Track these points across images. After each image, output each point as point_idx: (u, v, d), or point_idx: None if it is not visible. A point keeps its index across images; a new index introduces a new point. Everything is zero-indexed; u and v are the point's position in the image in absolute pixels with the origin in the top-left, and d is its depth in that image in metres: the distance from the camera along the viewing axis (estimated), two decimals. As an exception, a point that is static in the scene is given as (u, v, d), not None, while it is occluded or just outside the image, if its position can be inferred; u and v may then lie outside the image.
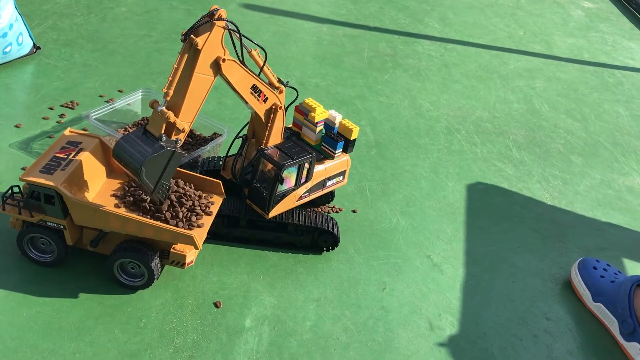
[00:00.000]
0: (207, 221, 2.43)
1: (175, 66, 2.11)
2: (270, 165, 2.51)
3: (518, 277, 2.86)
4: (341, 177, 2.83)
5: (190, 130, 3.14)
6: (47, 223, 2.28)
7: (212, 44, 2.13)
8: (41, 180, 2.21)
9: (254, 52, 2.36)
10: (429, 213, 3.13)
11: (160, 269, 2.36)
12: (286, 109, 2.55)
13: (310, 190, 2.69)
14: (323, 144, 2.72)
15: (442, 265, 2.82)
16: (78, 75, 3.57)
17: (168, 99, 2.12)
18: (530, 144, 3.93)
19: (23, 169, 2.82)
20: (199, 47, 2.10)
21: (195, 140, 3.11)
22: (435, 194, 3.28)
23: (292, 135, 2.71)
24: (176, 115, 2.16)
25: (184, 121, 2.18)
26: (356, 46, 4.69)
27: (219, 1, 4.83)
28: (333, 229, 2.68)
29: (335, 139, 2.67)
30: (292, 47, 4.45)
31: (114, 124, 3.07)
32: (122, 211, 2.29)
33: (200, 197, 2.49)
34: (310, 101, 2.69)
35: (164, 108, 2.12)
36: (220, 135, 3.07)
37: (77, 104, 3.32)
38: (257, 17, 4.75)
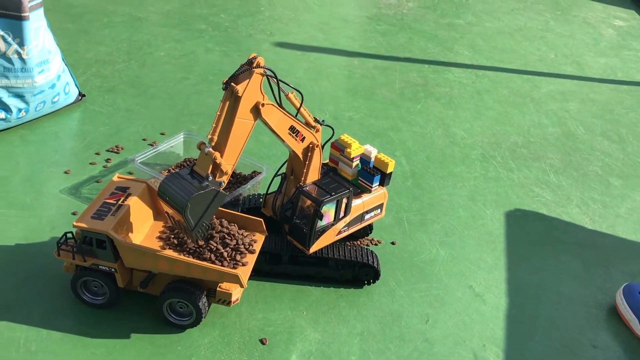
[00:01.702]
0: (251, 259, 2.50)
1: (218, 113, 2.22)
2: (309, 202, 2.58)
3: (562, 305, 2.84)
4: (379, 209, 2.88)
5: (230, 170, 3.24)
6: (99, 267, 2.38)
7: (251, 90, 2.24)
8: (93, 226, 2.32)
9: (290, 95, 2.45)
10: (469, 242, 3.14)
11: (207, 308, 2.43)
12: (323, 147, 2.63)
13: (349, 224, 2.75)
14: (360, 178, 2.78)
15: (484, 295, 2.82)
16: (122, 120, 3.73)
17: (213, 144, 2.23)
18: (567, 167, 3.91)
19: (74, 213, 2.94)
20: (240, 94, 2.20)
21: (235, 178, 3.20)
22: (474, 222, 3.29)
23: (329, 171, 2.78)
24: (221, 156, 2.26)
25: (228, 163, 2.28)
26: (387, 78, 4.76)
27: (253, 42, 4.98)
28: (373, 263, 2.72)
29: (371, 173, 2.73)
30: (325, 83, 4.55)
31: (157, 167, 3.19)
32: (169, 253, 2.38)
33: (243, 235, 2.56)
34: (346, 137, 2.76)
35: (210, 149, 2.22)
36: (260, 173, 3.16)
37: (122, 148, 3.46)
38: (289, 55, 4.88)
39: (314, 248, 2.65)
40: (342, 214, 2.67)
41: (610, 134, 4.36)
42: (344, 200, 2.64)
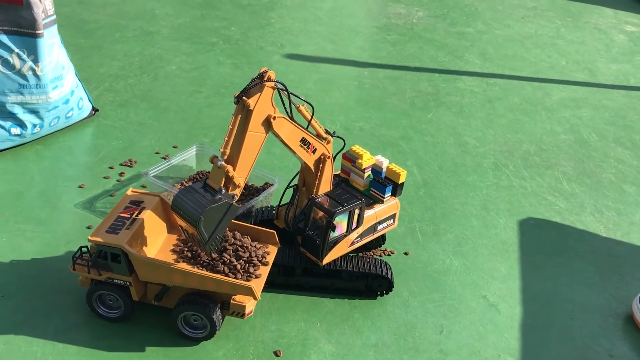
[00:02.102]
0: (264, 271, 2.50)
1: (230, 127, 2.24)
2: (321, 213, 2.58)
3: (577, 314, 2.82)
4: (391, 220, 2.88)
5: (243, 182, 3.25)
6: (114, 280, 2.40)
7: (262, 104, 2.25)
8: (107, 240, 2.34)
9: (301, 107, 2.47)
10: (482, 252, 3.13)
11: (221, 320, 2.44)
12: (334, 158, 2.64)
13: (361, 235, 2.75)
14: (372, 189, 2.79)
15: (498, 305, 2.81)
16: (134, 134, 3.76)
17: (225, 157, 2.25)
18: (581, 175, 3.89)
19: (88, 227, 2.97)
20: (251, 108, 2.22)
21: (248, 190, 3.22)
22: (487, 231, 3.28)
23: (341, 182, 2.78)
24: (233, 169, 2.28)
25: (240, 176, 2.30)
26: (398, 87, 4.78)
27: (264, 54, 5.02)
28: (387, 274, 2.72)
29: (383, 184, 2.73)
30: (335, 93, 4.57)
31: (171, 180, 3.22)
32: (183, 266, 2.40)
33: (256, 248, 2.57)
34: (357, 148, 2.77)
35: (223, 163, 2.24)
36: (272, 184, 3.17)
37: (135, 162, 3.49)
38: (300, 67, 4.90)
39: (327, 259, 2.65)
40: (354, 225, 2.68)
41: (624, 141, 4.33)
42: (357, 211, 2.64)
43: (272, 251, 2.62)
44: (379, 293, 2.78)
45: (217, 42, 5.16)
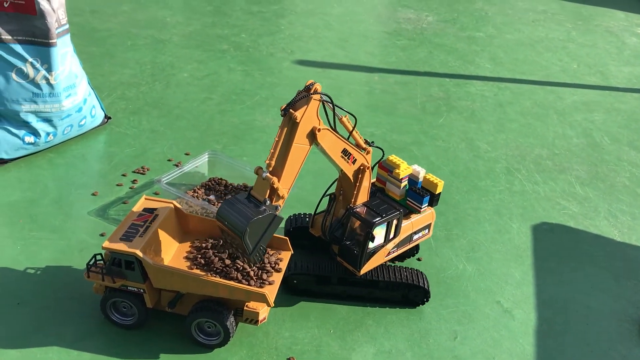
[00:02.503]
0: (278, 278, 2.51)
1: (276, 139, 2.27)
2: (359, 223, 2.58)
3: (592, 319, 2.79)
4: (427, 230, 2.87)
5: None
6: (128, 288, 2.41)
7: (309, 116, 2.28)
8: (122, 248, 2.35)
9: (344, 118, 2.49)
10: (495, 257, 3.11)
11: (235, 327, 2.44)
12: (372, 168, 2.64)
13: (398, 245, 2.74)
14: (408, 199, 2.77)
15: (513, 311, 2.79)
16: (147, 142, 3.78)
17: (270, 169, 2.27)
18: (594, 179, 3.87)
19: (102, 235, 2.98)
20: (298, 120, 2.25)
21: (259, 197, 3.22)
22: (500, 237, 3.26)
23: (377, 191, 2.77)
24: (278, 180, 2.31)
25: (284, 187, 2.31)
26: (408, 92, 4.77)
27: (274, 60, 5.03)
28: (423, 284, 2.70)
29: (421, 194, 2.71)
30: (346, 99, 4.57)
31: (183, 187, 3.23)
32: (197, 273, 2.40)
33: (269, 254, 2.58)
34: (394, 158, 2.76)
35: (268, 174, 2.26)
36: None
37: (147, 169, 3.51)
38: (310, 73, 4.91)
39: (364, 270, 2.64)
40: (392, 235, 2.66)
41: (637, 144, 4.30)
42: (394, 222, 2.63)
43: (285, 257, 2.62)
44: (418, 303, 2.75)
45: (227, 49, 5.18)
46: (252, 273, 2.46)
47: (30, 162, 3.48)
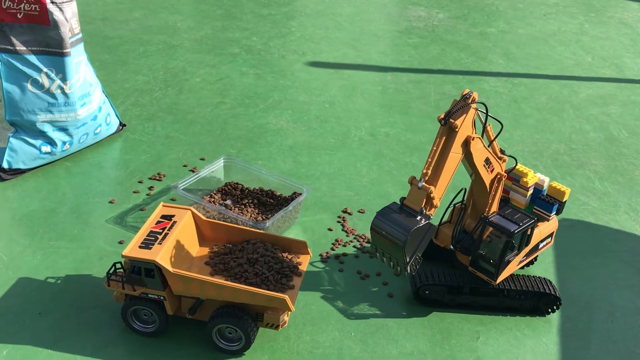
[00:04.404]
0: (297, 282, 2.50)
1: (434, 148, 2.28)
2: (495, 232, 2.57)
3: (617, 316, 2.76)
4: (550, 238, 2.84)
5: (271, 191, 3.26)
6: (149, 295, 2.41)
7: (467, 125, 2.29)
8: (141, 255, 2.35)
9: (488, 127, 2.48)
10: (515, 255, 3.08)
11: (255, 332, 2.43)
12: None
13: (527, 254, 2.72)
14: (536, 207, 2.74)
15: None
16: (162, 148, 3.79)
17: (427, 178, 2.29)
18: (613, 173, 3.82)
19: (120, 242, 2.99)
20: (457, 129, 2.25)
21: (276, 200, 3.22)
22: (519, 234, 3.23)
23: (502, 201, 2.74)
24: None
25: (438, 197, 2.32)
26: (422, 91, 4.74)
27: (286, 63, 5.02)
28: (554, 291, 2.66)
29: (550, 202, 2.69)
30: (359, 99, 4.56)
31: (200, 192, 3.23)
32: (217, 279, 2.40)
33: (288, 258, 2.57)
34: (521, 167, 2.72)
35: (424, 184, 2.27)
36: (300, 194, 3.16)
37: (164, 176, 3.51)
38: (323, 74, 4.90)
39: (500, 279, 2.62)
40: (525, 244, 2.65)
41: (656, 137, 4.24)
42: (529, 230, 2.61)
43: (304, 261, 2.61)
44: (548, 311, 2.72)
45: (239, 53, 5.18)
46: (271, 278, 2.45)
47: (47, 171, 3.50)
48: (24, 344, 2.45)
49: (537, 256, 2.96)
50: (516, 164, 2.67)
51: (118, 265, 2.50)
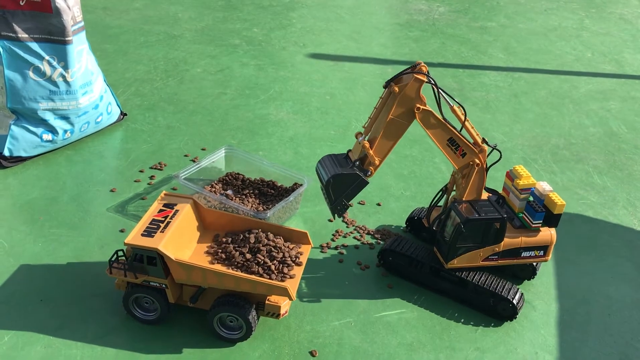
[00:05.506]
0: (298, 272, 2.51)
1: (376, 107, 2.42)
2: (455, 216, 2.58)
3: (614, 309, 2.78)
4: (541, 252, 2.73)
5: (272, 182, 3.27)
6: (150, 283, 2.42)
7: (408, 92, 2.34)
8: (144, 243, 2.36)
9: (456, 108, 2.50)
10: (514, 248, 3.09)
11: (256, 321, 2.45)
12: (487, 169, 2.63)
13: (500, 255, 2.67)
14: (525, 212, 2.71)
15: (534, 302, 2.78)
16: (163, 137, 3.79)
17: (367, 137, 2.44)
18: (612, 168, 3.84)
19: (121, 231, 3.00)
20: (396, 94, 2.33)
21: (277, 191, 3.23)
22: (519, 227, 3.25)
23: (500, 198, 2.73)
24: (371, 148, 2.43)
25: (377, 156, 2.44)
26: (422, 84, 4.74)
27: (287, 54, 5.02)
28: (512, 298, 2.59)
29: (536, 209, 2.63)
30: (360, 92, 4.56)
31: (201, 182, 3.24)
32: (218, 267, 2.41)
33: (289, 248, 2.58)
34: (520, 168, 2.71)
35: (364, 141, 2.42)
36: (301, 185, 3.17)
37: (165, 165, 3.52)
38: (323, 66, 4.90)
39: (452, 264, 2.63)
40: (492, 240, 2.61)
41: (655, 132, 4.26)
42: (496, 226, 2.57)
43: (305, 251, 2.63)
44: (507, 318, 2.66)
45: (240, 44, 5.18)
46: (273, 267, 2.47)
47: (48, 159, 3.50)
48: (26, 330, 2.47)
49: (534, 270, 2.85)
50: (500, 158, 2.61)
51: (120, 253, 2.51)
